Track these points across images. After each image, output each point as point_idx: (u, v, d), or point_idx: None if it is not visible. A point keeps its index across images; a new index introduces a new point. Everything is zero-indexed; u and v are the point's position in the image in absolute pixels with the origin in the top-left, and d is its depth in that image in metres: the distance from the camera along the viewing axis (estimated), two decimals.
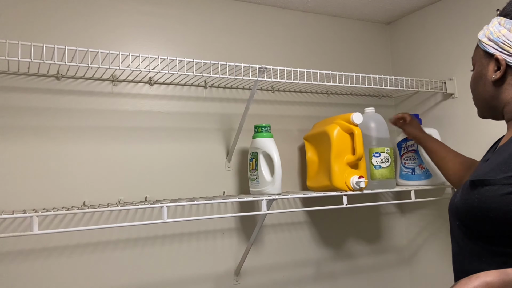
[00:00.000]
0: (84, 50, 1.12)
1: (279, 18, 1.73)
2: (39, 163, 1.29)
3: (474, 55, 0.97)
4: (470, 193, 0.82)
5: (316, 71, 1.42)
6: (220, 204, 1.52)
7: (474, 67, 0.97)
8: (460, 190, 0.88)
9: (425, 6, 1.80)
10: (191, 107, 1.52)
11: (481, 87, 0.94)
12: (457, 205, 0.86)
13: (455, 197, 0.90)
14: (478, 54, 0.95)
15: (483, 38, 0.92)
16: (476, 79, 0.96)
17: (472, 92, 0.99)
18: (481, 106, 0.98)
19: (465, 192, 0.84)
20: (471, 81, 0.98)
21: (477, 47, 0.96)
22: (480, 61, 0.94)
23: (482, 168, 0.87)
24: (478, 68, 0.94)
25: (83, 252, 1.32)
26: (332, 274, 1.71)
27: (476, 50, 0.96)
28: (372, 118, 1.56)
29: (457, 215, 0.87)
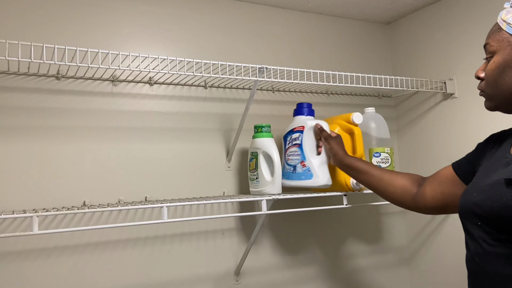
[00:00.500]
0: (84, 50, 1.12)
1: (279, 18, 1.73)
2: (39, 163, 1.29)
3: (494, 39, 0.86)
4: (504, 192, 0.76)
5: (316, 71, 1.42)
6: (220, 204, 1.52)
7: (493, 54, 0.86)
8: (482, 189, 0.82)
9: (425, 6, 1.80)
10: (191, 107, 1.52)
11: (509, 77, 0.83)
12: (480, 205, 0.81)
13: (470, 196, 0.84)
14: (505, 40, 0.84)
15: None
16: (501, 68, 0.84)
17: (492, 83, 0.87)
18: (501, 98, 0.87)
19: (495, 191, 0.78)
20: (491, 69, 0.86)
21: (500, 31, 0.85)
22: (508, 48, 0.83)
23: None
24: (506, 56, 0.83)
25: (83, 252, 1.32)
26: (332, 274, 1.71)
27: (499, 35, 0.85)
28: (372, 118, 1.56)
29: (480, 216, 0.80)
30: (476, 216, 0.82)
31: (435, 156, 1.77)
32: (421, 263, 1.82)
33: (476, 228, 0.82)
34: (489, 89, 0.88)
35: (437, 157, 1.76)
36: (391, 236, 1.86)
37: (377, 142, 1.54)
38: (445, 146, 1.73)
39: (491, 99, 0.89)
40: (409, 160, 1.87)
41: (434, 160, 1.77)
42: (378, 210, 1.84)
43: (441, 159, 1.75)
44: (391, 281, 1.84)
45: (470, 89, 1.63)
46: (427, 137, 1.80)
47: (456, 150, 1.68)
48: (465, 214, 0.86)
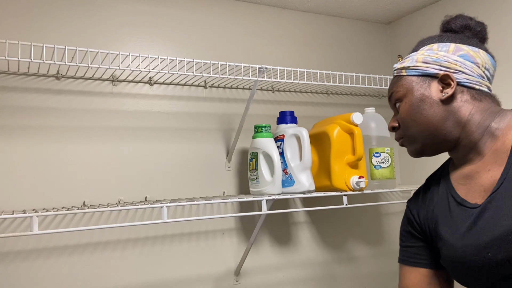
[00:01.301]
0: (84, 50, 1.12)
1: (279, 18, 1.73)
2: (39, 163, 1.29)
3: (398, 86, 0.90)
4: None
5: (316, 71, 1.42)
6: (220, 204, 1.52)
7: (401, 99, 0.89)
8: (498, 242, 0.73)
9: (425, 6, 1.80)
10: (191, 107, 1.52)
11: (427, 111, 0.85)
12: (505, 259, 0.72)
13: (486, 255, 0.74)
14: (408, 82, 0.88)
15: (415, 64, 0.88)
16: (415, 106, 0.86)
17: (410, 124, 0.87)
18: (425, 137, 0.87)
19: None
20: (404, 112, 0.88)
21: (401, 78, 0.90)
22: (415, 87, 0.87)
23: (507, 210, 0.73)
24: (416, 93, 0.86)
25: (83, 252, 1.32)
26: (332, 274, 1.70)
27: (402, 81, 0.89)
28: (373, 118, 1.56)
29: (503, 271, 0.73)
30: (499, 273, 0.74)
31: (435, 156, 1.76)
32: None
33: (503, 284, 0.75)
34: (408, 131, 0.88)
35: (437, 157, 1.76)
36: (391, 236, 1.86)
37: (377, 142, 1.53)
38: None
39: (414, 141, 0.89)
40: (409, 160, 1.87)
41: (434, 160, 1.77)
42: (378, 210, 1.84)
43: (441, 159, 1.75)
44: (391, 281, 1.84)
45: None
46: None
47: None
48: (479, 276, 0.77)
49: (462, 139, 0.85)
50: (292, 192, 1.40)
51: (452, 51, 0.87)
